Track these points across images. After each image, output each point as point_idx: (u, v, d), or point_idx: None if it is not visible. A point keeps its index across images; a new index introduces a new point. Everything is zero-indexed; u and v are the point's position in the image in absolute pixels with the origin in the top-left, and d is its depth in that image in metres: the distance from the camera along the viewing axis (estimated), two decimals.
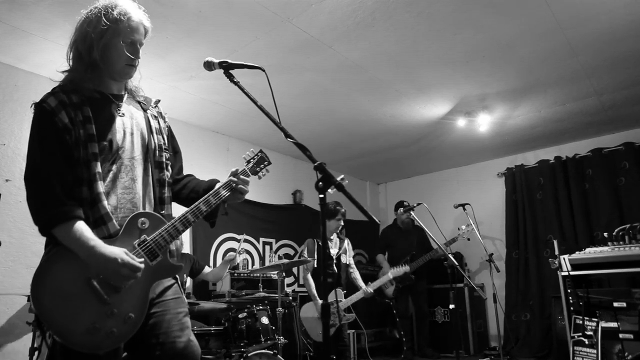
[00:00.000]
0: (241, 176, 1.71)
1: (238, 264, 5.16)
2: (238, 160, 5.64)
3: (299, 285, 5.96)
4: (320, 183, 1.36)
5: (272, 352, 3.13)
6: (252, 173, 1.79)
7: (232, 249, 5.25)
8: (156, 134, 1.69)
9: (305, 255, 4.31)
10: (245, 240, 5.44)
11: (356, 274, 4.52)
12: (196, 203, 1.60)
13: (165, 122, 1.79)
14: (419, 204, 4.16)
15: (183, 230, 1.57)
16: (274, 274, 4.73)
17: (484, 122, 5.02)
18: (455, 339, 5.67)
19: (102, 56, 1.54)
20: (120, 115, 1.59)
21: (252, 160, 1.81)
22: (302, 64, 3.92)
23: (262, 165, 1.83)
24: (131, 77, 1.67)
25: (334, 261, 4.33)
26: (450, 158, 6.63)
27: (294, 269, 5.94)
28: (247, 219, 5.46)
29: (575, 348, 3.53)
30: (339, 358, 4.10)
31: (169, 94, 4.32)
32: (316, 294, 4.17)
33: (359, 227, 6.57)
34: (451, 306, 5.50)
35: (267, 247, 5.71)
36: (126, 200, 1.53)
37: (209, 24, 3.33)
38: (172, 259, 1.56)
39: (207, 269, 4.07)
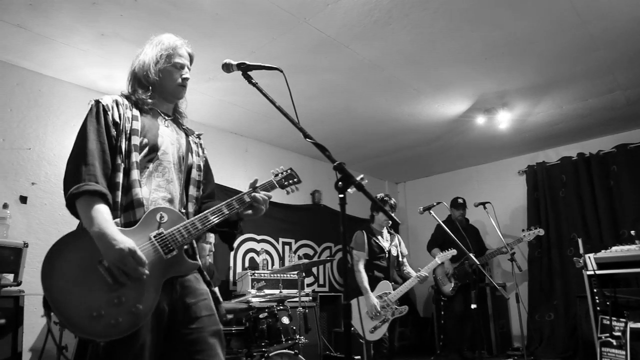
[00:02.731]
0: (261, 191, 1.73)
1: (258, 264, 5.20)
2: (256, 160, 5.70)
3: (319, 285, 5.97)
4: (340, 183, 1.35)
5: (293, 352, 3.14)
6: (280, 186, 1.82)
7: (252, 250, 5.29)
8: (195, 155, 1.79)
9: (353, 247, 4.07)
10: (265, 241, 5.47)
11: (409, 269, 4.22)
12: (216, 207, 1.64)
13: (204, 153, 1.88)
14: (438, 203, 4.11)
15: (201, 229, 1.59)
16: (293, 274, 4.75)
17: (503, 120, 4.95)
18: (477, 339, 5.60)
19: (159, 79, 1.71)
20: (165, 125, 1.73)
21: (280, 174, 1.84)
22: (319, 64, 3.92)
23: (290, 181, 1.84)
24: (182, 97, 1.82)
25: (385, 255, 4.08)
26: (470, 156, 6.56)
27: (314, 269, 5.94)
28: (266, 220, 5.48)
29: (603, 349, 3.45)
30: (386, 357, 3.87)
31: (188, 97, 4.32)
32: (368, 287, 3.86)
33: None
34: (473, 306, 5.43)
35: (287, 247, 5.73)
36: (158, 197, 1.58)
37: (226, 26, 3.36)
38: (189, 258, 1.58)
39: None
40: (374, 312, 3.80)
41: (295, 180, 1.85)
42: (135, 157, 1.57)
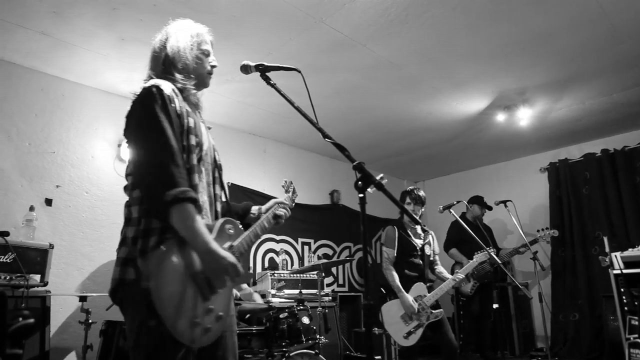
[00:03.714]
0: (288, 208, 1.92)
1: (277, 264, 5.22)
2: (275, 161, 5.72)
3: (338, 285, 5.97)
4: (360, 182, 1.34)
5: (313, 352, 3.14)
6: (291, 202, 2.00)
7: (272, 250, 5.31)
8: (218, 153, 1.75)
9: (383, 243, 3.87)
10: (284, 241, 5.49)
11: (441, 269, 3.88)
12: (260, 221, 1.76)
13: None
14: (458, 202, 4.06)
15: (254, 242, 1.70)
16: (313, 274, 4.75)
17: (524, 116, 4.87)
18: (499, 339, 5.53)
19: (195, 66, 1.67)
20: (202, 121, 1.68)
21: (289, 189, 2.05)
22: (336, 63, 3.92)
23: (295, 195, 2.05)
24: (209, 85, 1.77)
25: (418, 253, 3.77)
26: (490, 154, 6.47)
27: (333, 269, 5.94)
28: (284, 220, 5.50)
29: (632, 350, 3.37)
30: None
31: (206, 98, 4.35)
32: (400, 286, 3.56)
33: None
34: (495, 305, 5.35)
35: (306, 248, 5.74)
36: (204, 200, 1.57)
37: (243, 28, 3.38)
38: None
39: (245, 286, 4.00)
40: (411, 314, 3.51)
41: (295, 193, 2.07)
42: (194, 158, 1.51)
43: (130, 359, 1.39)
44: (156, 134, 1.41)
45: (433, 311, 3.54)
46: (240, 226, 1.62)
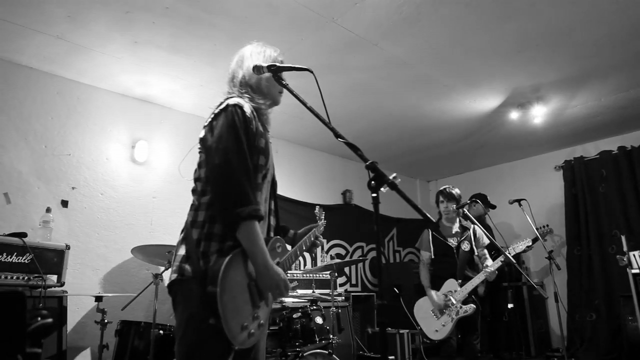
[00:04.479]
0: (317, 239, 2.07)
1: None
2: (287, 162, 5.72)
3: (351, 285, 5.96)
4: (373, 182, 1.34)
5: (327, 352, 3.14)
6: (323, 228, 2.21)
7: None
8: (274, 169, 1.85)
9: (418, 246, 4.11)
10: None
11: (489, 262, 3.86)
12: (300, 244, 1.92)
13: None
14: (472, 200, 4.03)
15: (294, 262, 1.89)
16: (326, 274, 4.75)
17: (538, 114, 4.81)
18: (514, 340, 5.47)
19: (268, 85, 1.78)
20: (270, 141, 1.79)
21: (321, 217, 2.28)
22: (347, 63, 3.91)
23: (324, 221, 2.25)
24: (279, 104, 1.86)
25: (453, 251, 3.90)
26: (504, 152, 6.40)
27: (346, 269, 5.93)
28: (298, 220, 5.51)
29: None
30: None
31: (219, 100, 4.43)
32: (428, 285, 3.88)
33: (414, 226, 6.46)
34: (509, 305, 5.30)
35: (319, 248, 5.73)
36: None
37: (254, 29, 3.39)
38: None
39: None
40: (438, 310, 3.74)
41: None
42: (260, 177, 1.64)
43: (175, 349, 1.51)
44: (236, 152, 1.54)
45: (463, 306, 3.66)
46: (286, 245, 1.80)
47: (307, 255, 5.56)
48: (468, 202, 3.90)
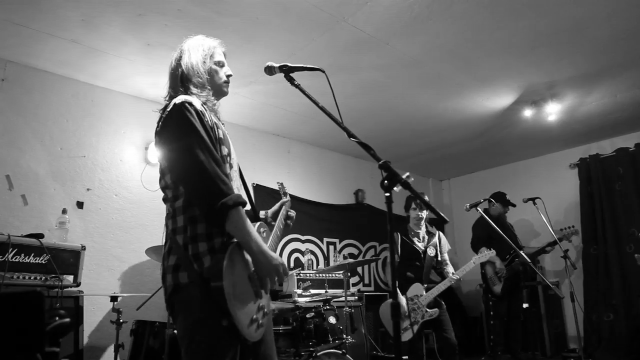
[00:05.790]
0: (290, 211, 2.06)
1: (303, 264, 5.24)
2: (299, 161, 5.73)
3: (364, 285, 5.95)
4: (386, 181, 1.33)
5: (340, 352, 3.14)
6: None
7: (297, 250, 5.33)
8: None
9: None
10: (309, 241, 5.50)
11: (449, 269, 4.07)
12: (277, 224, 1.93)
13: None
14: (485, 200, 4.00)
15: (279, 242, 1.91)
16: (339, 274, 4.75)
17: (553, 111, 4.74)
18: (529, 340, 5.40)
19: (209, 77, 1.76)
20: (226, 132, 1.75)
21: (285, 191, 2.25)
22: (359, 62, 3.90)
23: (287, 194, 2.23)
24: (227, 94, 1.85)
25: (420, 256, 4.04)
26: (517, 150, 6.34)
27: (359, 269, 5.92)
28: (310, 220, 5.52)
29: None
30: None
31: (230, 100, 4.46)
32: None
33: None
34: (525, 305, 5.23)
35: (331, 247, 5.73)
36: None
37: (266, 30, 3.40)
38: None
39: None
40: (403, 313, 3.81)
41: (285, 190, 2.27)
42: (227, 167, 1.62)
43: (186, 358, 1.45)
44: (200, 147, 1.49)
45: (428, 310, 3.79)
46: (267, 229, 1.77)
47: (319, 255, 5.56)
48: (481, 201, 3.85)
